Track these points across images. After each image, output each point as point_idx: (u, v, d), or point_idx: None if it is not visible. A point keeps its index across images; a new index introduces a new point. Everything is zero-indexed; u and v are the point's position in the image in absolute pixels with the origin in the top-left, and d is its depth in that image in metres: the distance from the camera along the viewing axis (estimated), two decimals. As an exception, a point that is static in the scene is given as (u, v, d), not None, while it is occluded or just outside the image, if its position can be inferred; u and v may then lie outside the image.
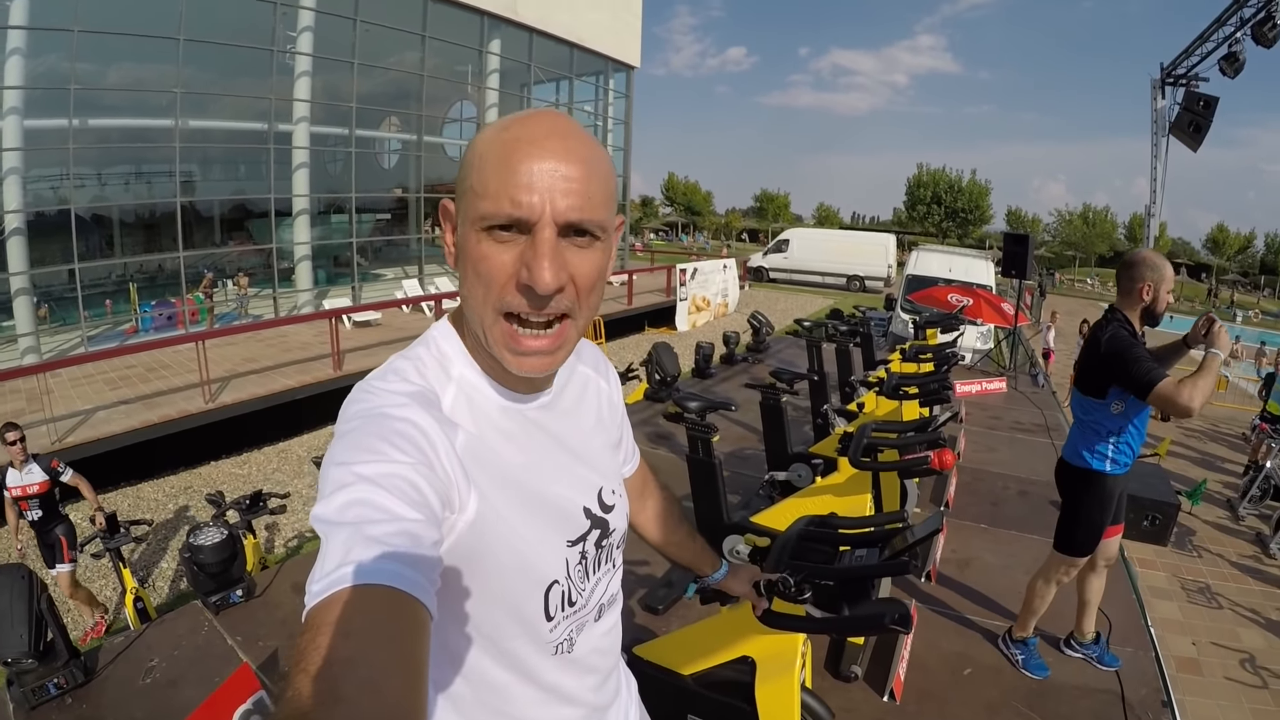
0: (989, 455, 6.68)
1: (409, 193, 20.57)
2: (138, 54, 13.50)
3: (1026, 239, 11.21)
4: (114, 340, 13.05)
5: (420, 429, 0.79)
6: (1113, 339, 2.96)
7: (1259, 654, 5.63)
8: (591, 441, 1.08)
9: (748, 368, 10.72)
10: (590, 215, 0.81)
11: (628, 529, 1.15)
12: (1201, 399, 2.69)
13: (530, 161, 0.78)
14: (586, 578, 1.02)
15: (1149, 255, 3.08)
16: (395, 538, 0.67)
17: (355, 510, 0.68)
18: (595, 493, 1.04)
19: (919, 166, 55.30)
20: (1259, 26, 8.30)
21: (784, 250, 31.36)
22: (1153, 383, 2.79)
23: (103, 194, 15.22)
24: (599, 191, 0.82)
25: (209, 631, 3.83)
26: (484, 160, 0.81)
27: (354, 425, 0.79)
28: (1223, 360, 2.79)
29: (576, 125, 0.84)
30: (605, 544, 1.05)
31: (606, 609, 1.09)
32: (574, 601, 0.99)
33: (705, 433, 4.05)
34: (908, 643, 3.40)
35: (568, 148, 0.80)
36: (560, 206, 0.78)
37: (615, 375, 1.24)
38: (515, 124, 0.82)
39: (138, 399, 8.89)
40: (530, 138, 0.79)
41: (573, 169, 0.79)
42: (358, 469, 0.72)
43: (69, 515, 5.39)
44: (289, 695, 0.53)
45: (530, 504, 0.92)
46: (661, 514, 1.46)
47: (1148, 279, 2.99)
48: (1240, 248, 53.25)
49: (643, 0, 24.90)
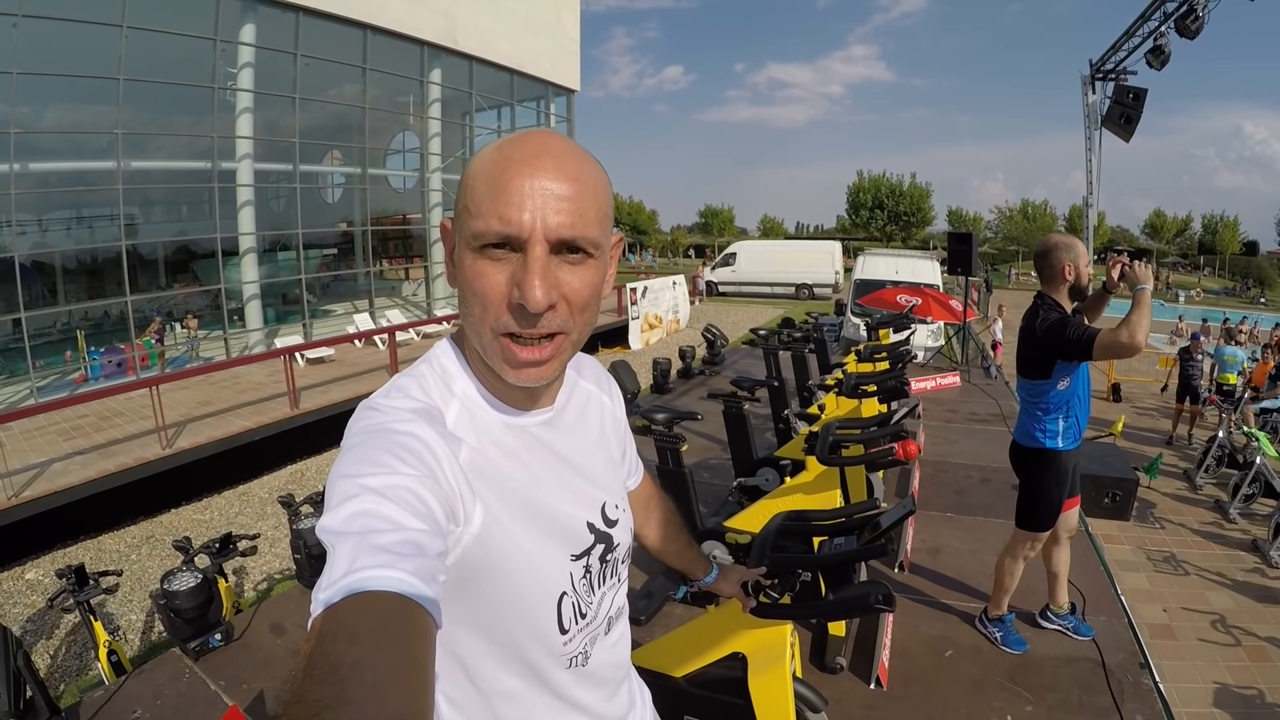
0: (949, 447, 6.86)
1: (354, 226, 20.42)
2: (77, 95, 13.24)
3: (970, 237, 11.55)
4: (64, 390, 12.63)
5: (424, 443, 0.80)
6: (1044, 321, 3.11)
7: (1228, 614, 5.87)
8: (595, 457, 1.09)
9: (705, 380, 10.81)
10: (582, 232, 0.81)
11: (632, 543, 1.16)
12: (1142, 333, 2.79)
13: (521, 180, 0.79)
14: (592, 591, 1.02)
15: (1059, 238, 3.26)
16: (401, 546, 0.68)
17: (361, 521, 0.69)
18: (599, 508, 1.05)
19: (859, 173, 56.64)
20: (1182, 19, 8.68)
21: (731, 264, 31.66)
22: (1091, 338, 2.93)
23: (44, 240, 14.85)
24: (591, 208, 0.83)
25: (190, 678, 3.74)
26: (477, 180, 0.82)
27: (359, 440, 0.80)
28: (1150, 290, 2.90)
29: (570, 144, 0.86)
30: (610, 558, 1.06)
31: (615, 621, 1.10)
32: (585, 614, 1.01)
33: (673, 443, 4.12)
34: (889, 630, 3.49)
35: (559, 166, 0.81)
36: (551, 224, 0.79)
37: (618, 391, 1.25)
38: (508, 144, 0.83)
39: (93, 449, 8.64)
40: (522, 157, 0.80)
41: (564, 187, 0.80)
42: (363, 481, 0.73)
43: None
44: (296, 699, 0.54)
45: (533, 518, 0.93)
46: (664, 524, 1.49)
47: (1065, 260, 3.17)
48: (1178, 230, 55.29)
49: (580, 24, 25.13)
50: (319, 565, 4.94)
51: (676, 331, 20.44)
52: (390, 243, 23.95)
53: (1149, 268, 2.99)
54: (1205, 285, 43.25)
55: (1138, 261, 3.00)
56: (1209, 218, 54.07)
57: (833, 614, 2.55)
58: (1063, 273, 3.17)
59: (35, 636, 5.72)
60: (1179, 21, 8.91)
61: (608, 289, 0.93)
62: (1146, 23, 9.97)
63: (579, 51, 25.04)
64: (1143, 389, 14.79)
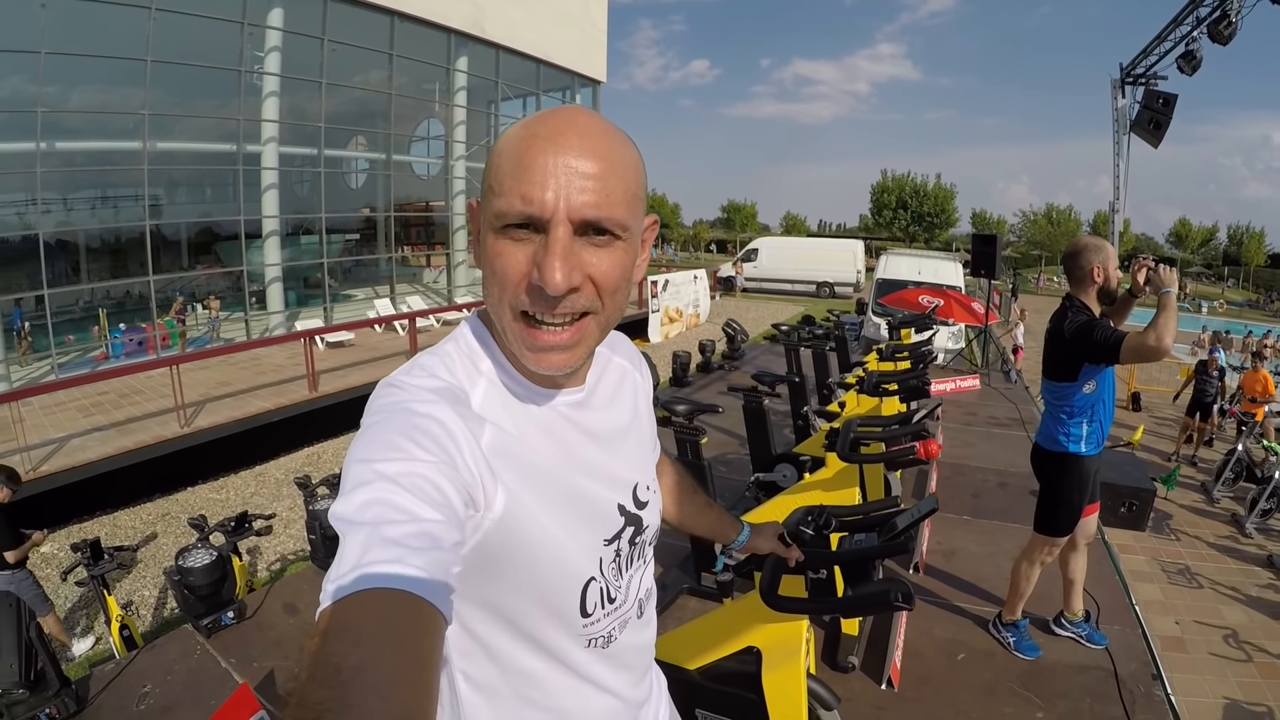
0: (967, 450, 6.80)
1: (377, 212, 20.47)
2: (105, 76, 13.37)
3: (994, 239, 11.43)
4: (84, 367, 12.82)
5: (444, 425, 0.78)
6: (1071, 322, 3.09)
7: (1241, 629, 5.79)
8: (627, 437, 1.06)
9: (724, 375, 10.79)
10: (609, 213, 0.78)
11: (660, 524, 1.13)
12: (1169, 336, 2.78)
13: (545, 157, 0.76)
14: (620, 574, 1.00)
15: (1088, 240, 3.22)
16: (413, 539, 0.66)
17: (374, 510, 0.68)
18: (630, 490, 1.02)
19: (883, 172, 55.99)
20: (1215, 24, 8.52)
21: (753, 259, 31.50)
22: (1119, 340, 2.90)
23: (68, 219, 15.00)
24: (619, 189, 0.79)
25: (201, 655, 3.78)
26: (502, 158, 0.80)
27: (377, 420, 0.78)
28: (1175, 294, 2.87)
29: (600, 120, 0.82)
30: (639, 540, 1.04)
31: (645, 604, 1.08)
32: (614, 598, 0.99)
33: (694, 435, 4.09)
34: (901, 631, 3.46)
35: (585, 144, 0.78)
36: (575, 203, 0.76)
37: (648, 369, 1.22)
38: (536, 120, 0.80)
39: (111, 426, 8.75)
40: (548, 134, 0.78)
41: (590, 165, 0.77)
42: (379, 466, 0.71)
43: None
44: (298, 700, 0.53)
45: (562, 501, 0.90)
46: (677, 486, 1.44)
47: (1095, 261, 3.13)
48: (1203, 240, 54.50)
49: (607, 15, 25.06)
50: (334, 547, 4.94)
51: (696, 326, 20.42)
52: (412, 229, 24.03)
53: (1174, 272, 2.95)
54: (1229, 297, 42.70)
55: (1163, 265, 2.96)
56: (1235, 228, 53.25)
57: (852, 610, 2.51)
58: (1091, 274, 3.13)
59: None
60: (1212, 26, 8.75)
61: (639, 273, 0.89)
62: (1179, 27, 9.81)
63: (605, 43, 24.98)
64: (1163, 399, 14.61)
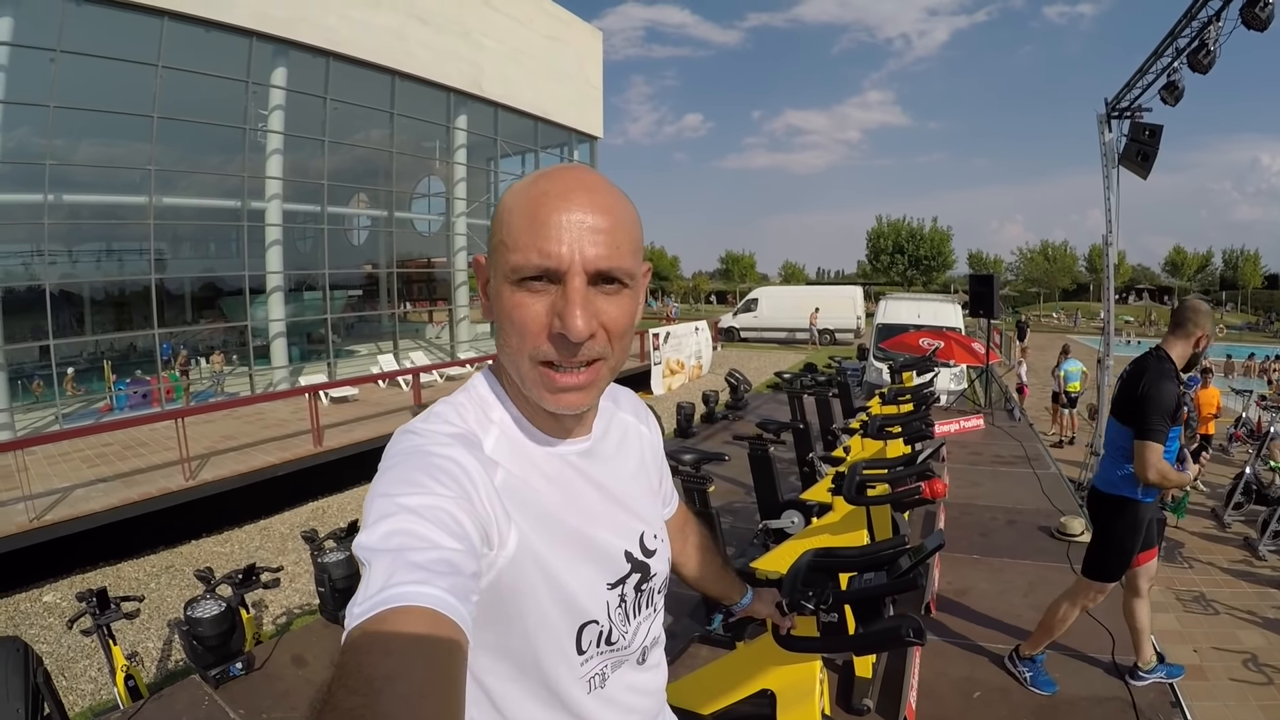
0: (974, 489, 6.78)
1: (380, 268, 20.73)
2: (112, 131, 13.69)
3: (991, 279, 11.54)
4: (89, 418, 12.85)
5: (461, 466, 0.82)
6: (1149, 384, 3.14)
7: (1260, 652, 5.71)
8: (633, 487, 1.09)
9: (729, 425, 10.78)
10: (618, 263, 0.84)
11: (669, 573, 1.17)
12: (1156, 480, 3.06)
13: (558, 214, 0.82)
14: (628, 620, 1.03)
15: (1205, 307, 3.32)
16: (436, 564, 0.69)
17: (398, 539, 0.71)
18: (637, 538, 1.05)
19: (878, 218, 56.81)
20: (1194, 54, 8.71)
21: (753, 309, 31.73)
22: (1151, 437, 3.04)
23: (74, 271, 15.22)
24: (625, 240, 0.86)
25: (209, 706, 3.73)
26: (513, 214, 0.85)
27: (398, 461, 0.82)
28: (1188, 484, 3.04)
29: (601, 178, 0.89)
30: (645, 587, 1.06)
31: (650, 650, 1.11)
32: (613, 641, 1.01)
33: (701, 484, 4.10)
34: (916, 671, 3.43)
35: (593, 200, 0.84)
36: (589, 255, 0.82)
37: (655, 422, 1.27)
38: (542, 179, 0.86)
39: (116, 477, 8.76)
40: (557, 191, 0.83)
41: (599, 219, 0.83)
42: (400, 500, 0.75)
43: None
44: (330, 706, 0.55)
45: (570, 545, 0.94)
46: (701, 548, 1.50)
47: (1205, 329, 3.23)
48: (1199, 266, 54.65)
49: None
50: (343, 599, 4.92)
51: (699, 377, 20.43)
52: (414, 285, 24.31)
53: (1198, 467, 3.09)
54: (1228, 321, 42.55)
55: (1193, 463, 3.09)
56: (1230, 252, 53.40)
57: (863, 647, 2.51)
58: (1196, 341, 3.22)
59: (49, 659, 5.72)
60: (1191, 56, 8.95)
61: (638, 316, 0.95)
62: (1159, 59, 10.05)
63: (601, 99, 25.54)
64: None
